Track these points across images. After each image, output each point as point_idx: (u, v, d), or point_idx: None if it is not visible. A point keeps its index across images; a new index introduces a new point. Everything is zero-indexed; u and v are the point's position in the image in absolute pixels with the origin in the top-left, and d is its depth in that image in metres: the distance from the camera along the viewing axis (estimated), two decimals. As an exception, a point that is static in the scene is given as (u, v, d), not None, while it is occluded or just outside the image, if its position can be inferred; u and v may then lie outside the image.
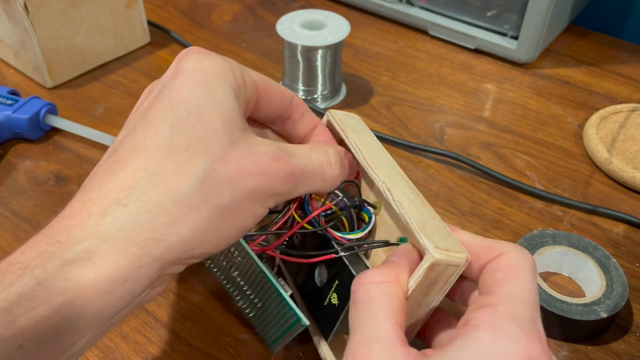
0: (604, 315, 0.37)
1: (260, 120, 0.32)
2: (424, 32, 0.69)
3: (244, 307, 0.37)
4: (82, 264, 0.23)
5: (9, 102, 0.53)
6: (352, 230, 0.33)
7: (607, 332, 0.39)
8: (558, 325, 0.38)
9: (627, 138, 0.53)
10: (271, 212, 0.30)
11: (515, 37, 0.63)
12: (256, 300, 0.36)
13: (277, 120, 0.32)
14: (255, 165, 0.26)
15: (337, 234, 0.32)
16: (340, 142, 0.36)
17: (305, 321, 0.33)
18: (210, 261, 0.38)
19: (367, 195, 0.34)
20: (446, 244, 0.27)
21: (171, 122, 0.25)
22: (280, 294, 0.33)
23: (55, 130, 0.54)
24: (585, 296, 0.41)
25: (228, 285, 0.37)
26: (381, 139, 0.49)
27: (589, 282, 0.41)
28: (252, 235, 0.34)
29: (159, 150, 0.25)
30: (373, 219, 0.33)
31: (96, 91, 0.60)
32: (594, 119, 0.55)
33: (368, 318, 0.25)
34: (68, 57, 0.59)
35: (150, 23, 0.67)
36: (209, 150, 0.25)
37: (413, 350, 0.24)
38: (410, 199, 0.30)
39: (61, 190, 0.49)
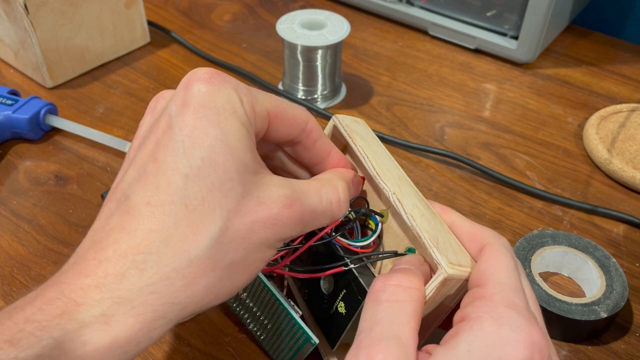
0: (604, 315, 0.37)
1: (271, 141, 0.31)
2: (424, 32, 0.69)
3: (255, 329, 0.37)
4: (100, 328, 0.23)
5: (9, 102, 0.53)
6: (357, 237, 0.33)
7: (607, 332, 0.39)
8: (558, 325, 0.38)
9: (627, 138, 0.53)
10: None
11: (515, 37, 0.63)
12: (266, 322, 0.35)
13: (288, 144, 0.31)
14: (267, 216, 0.25)
15: (346, 242, 0.32)
16: (345, 148, 0.36)
17: (315, 339, 0.32)
18: None
19: (375, 201, 0.34)
20: (458, 258, 0.27)
21: (184, 171, 0.24)
22: (289, 313, 0.33)
23: (55, 130, 0.54)
24: (585, 296, 0.41)
25: (239, 309, 0.37)
26: (381, 139, 0.49)
27: (589, 282, 0.41)
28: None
29: (173, 206, 0.24)
30: (380, 226, 0.33)
31: (96, 91, 0.60)
32: (594, 119, 0.55)
33: (390, 317, 0.25)
34: (68, 57, 0.59)
35: (150, 23, 0.67)
36: (225, 203, 0.25)
37: (420, 354, 0.25)
38: (421, 211, 0.30)
39: (61, 190, 0.49)
